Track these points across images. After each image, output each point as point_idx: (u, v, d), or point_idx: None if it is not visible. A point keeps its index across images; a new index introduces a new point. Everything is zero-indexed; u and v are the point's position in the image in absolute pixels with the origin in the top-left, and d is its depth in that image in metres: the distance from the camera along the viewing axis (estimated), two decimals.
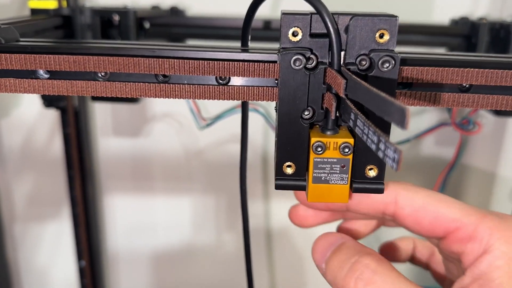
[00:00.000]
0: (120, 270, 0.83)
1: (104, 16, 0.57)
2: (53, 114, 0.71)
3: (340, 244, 0.31)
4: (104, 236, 0.80)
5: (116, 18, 0.57)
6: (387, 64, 0.26)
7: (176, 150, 0.77)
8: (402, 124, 0.18)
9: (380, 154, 0.20)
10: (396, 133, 0.71)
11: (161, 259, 0.82)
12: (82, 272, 0.69)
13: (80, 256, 0.69)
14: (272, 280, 0.84)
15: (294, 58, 0.26)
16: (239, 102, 0.60)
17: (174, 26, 0.60)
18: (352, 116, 0.25)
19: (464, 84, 0.30)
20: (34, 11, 0.55)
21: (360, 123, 0.23)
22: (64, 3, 0.57)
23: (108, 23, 0.58)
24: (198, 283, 0.84)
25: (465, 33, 0.59)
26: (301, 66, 0.26)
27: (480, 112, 0.61)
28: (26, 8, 0.55)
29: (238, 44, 0.33)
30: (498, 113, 0.58)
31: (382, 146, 0.20)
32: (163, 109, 0.74)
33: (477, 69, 0.29)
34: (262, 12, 0.40)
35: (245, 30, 0.32)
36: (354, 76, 0.24)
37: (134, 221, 0.80)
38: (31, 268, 0.83)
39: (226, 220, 0.80)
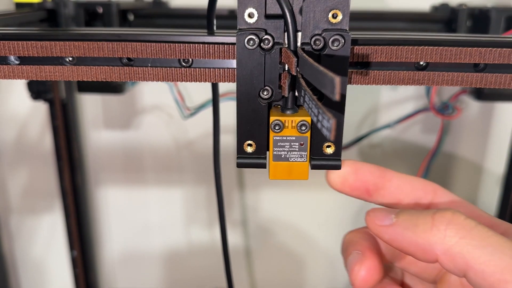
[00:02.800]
0: (113, 260, 0.84)
1: (88, 9, 0.58)
2: (44, 108, 0.73)
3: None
4: (96, 227, 0.81)
5: (100, 10, 0.58)
6: (337, 43, 0.27)
7: (166, 141, 0.78)
8: (333, 93, 0.19)
9: (319, 125, 0.21)
10: (380, 120, 0.71)
11: (154, 251, 0.83)
12: (74, 262, 0.71)
13: (71, 246, 0.70)
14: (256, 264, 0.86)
15: (247, 38, 0.27)
16: (223, 90, 0.61)
17: (158, 18, 0.61)
18: (302, 93, 0.25)
19: (421, 63, 0.30)
20: (19, 5, 0.56)
21: (307, 98, 0.24)
22: None
23: (92, 16, 0.59)
24: (190, 271, 0.85)
25: (445, 19, 0.59)
26: (255, 46, 0.27)
27: (461, 97, 0.62)
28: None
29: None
30: (479, 97, 0.59)
31: (320, 117, 0.21)
32: (152, 101, 0.75)
33: (431, 47, 0.29)
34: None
35: (210, 15, 0.33)
36: (303, 54, 0.25)
37: (126, 213, 0.81)
38: (27, 259, 0.85)
39: (213, 210, 0.81)
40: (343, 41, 0.27)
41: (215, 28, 0.34)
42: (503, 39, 0.31)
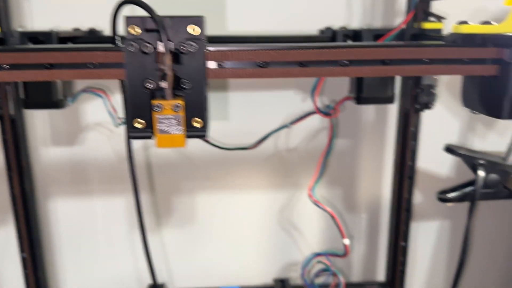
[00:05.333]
0: (63, 262, 0.92)
1: (31, 38, 0.69)
2: None
3: None
4: (48, 233, 0.89)
5: (42, 39, 0.69)
6: (191, 47, 0.39)
7: (109, 155, 0.88)
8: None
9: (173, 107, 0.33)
10: (276, 122, 0.83)
11: (101, 251, 0.92)
12: (24, 263, 0.79)
13: (22, 249, 0.78)
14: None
15: (128, 44, 0.39)
16: None
17: (92, 44, 0.72)
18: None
19: (265, 61, 0.43)
20: None
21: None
22: None
23: (35, 43, 0.69)
24: (131, 269, 0.94)
25: (328, 40, 0.73)
26: (135, 50, 0.39)
27: (345, 103, 0.75)
28: None
29: None
30: (359, 102, 0.73)
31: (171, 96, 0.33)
32: (94, 119, 0.85)
33: (270, 50, 0.42)
34: None
35: (114, 32, 0.45)
36: (168, 57, 0.37)
37: (74, 221, 0.90)
38: None
39: (156, 215, 0.91)
40: (196, 46, 0.39)
41: (118, 42, 0.46)
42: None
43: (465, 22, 0.48)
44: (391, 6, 0.81)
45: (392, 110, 0.85)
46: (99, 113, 0.85)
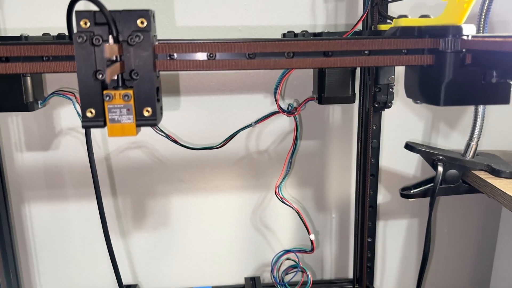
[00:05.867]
0: (38, 265, 0.92)
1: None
2: None
3: None
4: (22, 237, 0.90)
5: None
6: (138, 38, 0.41)
7: (83, 159, 0.89)
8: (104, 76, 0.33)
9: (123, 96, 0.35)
10: (242, 120, 0.85)
11: (76, 255, 0.93)
12: None
13: None
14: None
15: (77, 36, 0.41)
16: None
17: None
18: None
19: (211, 53, 0.45)
20: None
21: (120, 77, 0.38)
22: None
23: None
24: (105, 273, 0.94)
25: None
26: (83, 42, 0.41)
27: (308, 103, 0.78)
28: None
29: None
30: (320, 102, 0.75)
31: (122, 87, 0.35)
32: (68, 124, 0.87)
33: (217, 43, 0.44)
34: None
35: (69, 28, 0.47)
36: (116, 48, 0.39)
37: (49, 224, 0.91)
38: None
39: (131, 217, 0.92)
40: (142, 37, 0.41)
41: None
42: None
43: (404, 16, 0.51)
44: (355, 12, 0.84)
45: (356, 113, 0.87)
46: (72, 117, 0.86)
